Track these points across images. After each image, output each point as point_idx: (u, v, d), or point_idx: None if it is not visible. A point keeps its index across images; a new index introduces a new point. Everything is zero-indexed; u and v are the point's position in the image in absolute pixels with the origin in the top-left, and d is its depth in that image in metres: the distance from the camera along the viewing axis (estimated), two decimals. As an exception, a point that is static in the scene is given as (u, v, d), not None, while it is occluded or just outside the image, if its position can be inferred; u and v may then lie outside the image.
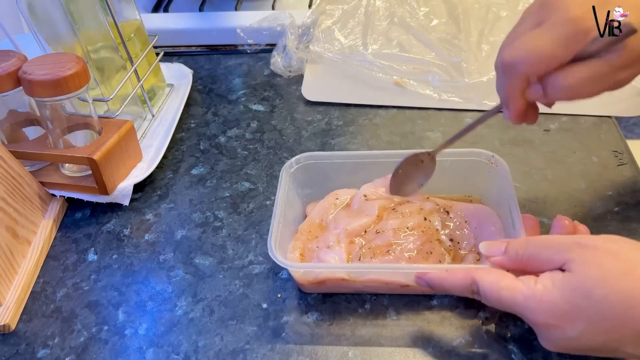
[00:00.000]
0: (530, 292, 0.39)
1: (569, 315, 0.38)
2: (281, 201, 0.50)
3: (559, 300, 0.38)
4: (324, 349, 0.46)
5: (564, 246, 0.39)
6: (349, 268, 0.48)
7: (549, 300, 0.38)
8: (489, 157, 0.52)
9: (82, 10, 0.60)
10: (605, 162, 0.60)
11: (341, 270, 0.48)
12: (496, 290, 0.40)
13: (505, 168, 0.51)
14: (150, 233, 0.57)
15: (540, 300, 0.38)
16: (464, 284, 0.42)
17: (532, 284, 0.39)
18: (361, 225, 0.51)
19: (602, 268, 0.37)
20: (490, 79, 0.71)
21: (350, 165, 0.55)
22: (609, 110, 0.67)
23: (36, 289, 0.53)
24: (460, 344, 0.45)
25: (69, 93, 0.54)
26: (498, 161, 0.51)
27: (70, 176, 0.60)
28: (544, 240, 0.41)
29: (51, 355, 0.47)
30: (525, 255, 0.41)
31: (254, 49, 0.83)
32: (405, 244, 0.48)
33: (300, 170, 0.54)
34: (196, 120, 0.72)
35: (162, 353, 0.47)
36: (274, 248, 0.46)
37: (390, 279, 0.47)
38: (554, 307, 0.38)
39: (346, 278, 0.47)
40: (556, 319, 0.38)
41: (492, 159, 0.52)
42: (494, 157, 0.52)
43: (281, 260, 0.45)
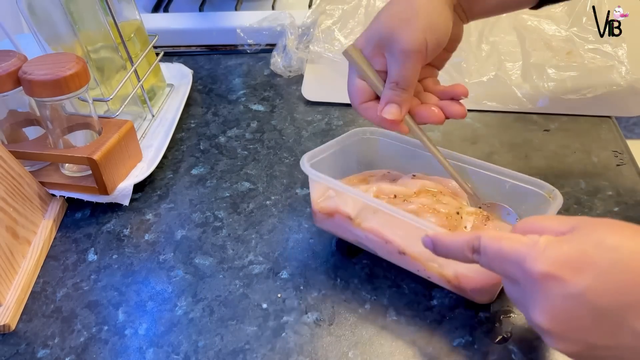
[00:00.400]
0: (532, 241, 0.35)
1: (575, 264, 0.32)
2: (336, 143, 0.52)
3: (566, 247, 0.33)
4: (324, 349, 0.46)
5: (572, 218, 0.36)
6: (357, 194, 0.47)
7: (554, 247, 0.34)
8: (550, 191, 0.49)
9: (82, 10, 0.60)
10: (605, 162, 0.60)
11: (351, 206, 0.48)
12: (497, 241, 0.36)
13: (559, 205, 0.47)
14: (150, 233, 0.57)
15: (544, 247, 0.34)
16: (465, 240, 0.38)
17: (536, 237, 0.35)
18: (394, 190, 0.50)
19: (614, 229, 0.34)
20: (490, 79, 0.71)
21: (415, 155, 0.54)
22: (609, 110, 0.67)
23: (36, 289, 0.53)
24: (460, 344, 0.45)
25: (69, 93, 0.54)
26: (557, 196, 0.48)
27: (70, 176, 0.60)
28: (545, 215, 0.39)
29: (51, 355, 0.47)
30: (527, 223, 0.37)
31: (254, 49, 0.83)
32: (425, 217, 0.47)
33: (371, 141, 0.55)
34: (196, 120, 0.72)
35: (162, 353, 0.47)
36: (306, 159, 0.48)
37: (390, 237, 0.47)
38: (559, 254, 0.33)
39: (352, 217, 0.48)
40: (559, 268, 0.33)
41: (552, 193, 0.48)
42: (554, 191, 0.48)
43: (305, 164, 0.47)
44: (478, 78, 0.72)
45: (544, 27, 0.76)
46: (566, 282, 0.32)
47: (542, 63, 0.72)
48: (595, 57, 0.72)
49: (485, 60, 0.74)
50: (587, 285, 0.32)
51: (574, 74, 0.70)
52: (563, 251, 0.33)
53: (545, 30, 0.76)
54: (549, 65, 0.71)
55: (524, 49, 0.74)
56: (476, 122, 0.68)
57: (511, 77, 0.71)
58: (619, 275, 0.32)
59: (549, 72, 0.70)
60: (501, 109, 0.69)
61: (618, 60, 0.71)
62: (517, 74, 0.72)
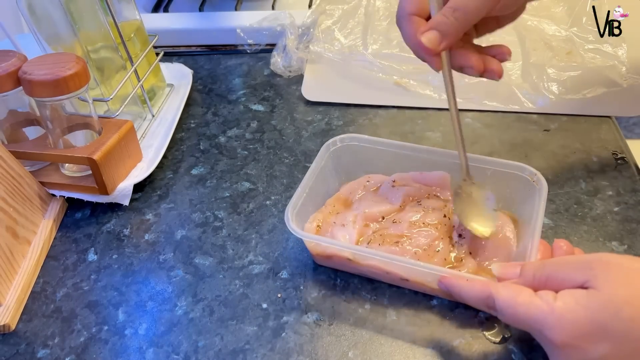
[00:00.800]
0: (549, 308, 0.36)
1: (593, 335, 0.35)
2: (312, 174, 0.52)
3: (582, 318, 0.35)
4: (324, 349, 0.46)
5: (586, 263, 0.37)
6: (350, 249, 0.48)
7: (570, 318, 0.35)
8: (532, 175, 0.50)
9: (82, 10, 0.60)
10: (605, 162, 0.60)
11: (347, 250, 0.48)
12: (512, 305, 0.38)
13: (544, 188, 0.49)
14: (150, 233, 0.57)
15: (560, 317, 0.36)
16: (480, 296, 0.40)
17: (551, 300, 0.36)
18: (380, 211, 0.52)
19: (631, 286, 0.35)
20: (490, 79, 0.71)
21: (391, 155, 0.55)
22: (609, 110, 0.67)
23: (36, 289, 0.53)
24: (460, 344, 0.45)
25: (69, 93, 0.54)
26: (539, 180, 0.50)
27: (70, 176, 0.60)
28: (562, 259, 0.40)
29: (51, 355, 0.47)
30: (543, 275, 0.39)
31: (254, 49, 0.83)
32: (417, 238, 0.49)
33: (343, 150, 0.56)
34: (196, 120, 0.72)
35: (162, 353, 0.47)
36: (290, 214, 0.48)
37: (390, 270, 0.48)
38: (576, 326, 0.35)
39: (350, 258, 0.48)
40: (577, 339, 0.35)
41: (534, 176, 0.50)
42: (536, 175, 0.50)
43: (292, 226, 0.47)
44: (478, 78, 0.72)
45: (544, 27, 0.76)
46: (586, 350, 0.35)
47: (542, 63, 0.72)
48: (595, 57, 0.72)
49: (485, 60, 0.74)
50: (605, 352, 0.35)
51: (574, 74, 0.70)
52: (580, 323, 0.35)
53: (545, 30, 0.76)
54: (549, 65, 0.71)
55: (524, 49, 0.74)
56: (476, 122, 0.68)
57: (511, 77, 0.71)
58: (632, 344, 0.34)
59: (549, 72, 0.70)
60: (501, 109, 0.69)
61: (618, 60, 0.71)
62: (517, 74, 0.72)
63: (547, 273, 0.39)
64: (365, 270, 0.50)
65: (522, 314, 0.38)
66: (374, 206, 0.53)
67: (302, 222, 0.51)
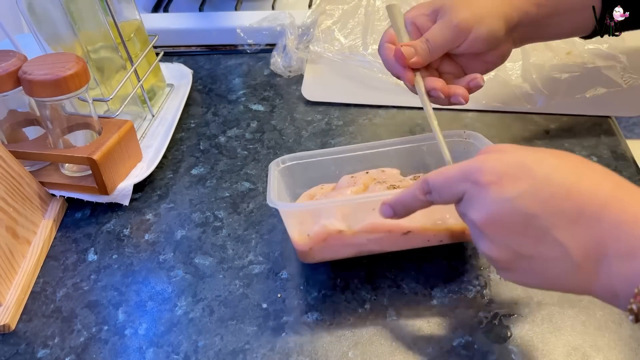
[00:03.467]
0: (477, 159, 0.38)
1: (516, 174, 0.36)
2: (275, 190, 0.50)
3: (509, 159, 0.37)
4: (324, 349, 0.46)
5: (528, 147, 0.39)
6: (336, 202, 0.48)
7: (498, 158, 0.37)
8: (460, 135, 0.53)
9: (82, 10, 0.60)
10: (605, 162, 0.60)
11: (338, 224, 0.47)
12: (442, 172, 0.39)
13: (479, 136, 0.52)
14: (150, 233, 0.57)
15: (488, 159, 0.37)
16: (416, 187, 0.41)
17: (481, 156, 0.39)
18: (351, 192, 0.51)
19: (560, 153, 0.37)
20: (490, 79, 0.71)
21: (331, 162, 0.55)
22: (609, 110, 0.67)
23: (36, 289, 0.53)
24: (460, 344, 0.45)
25: (69, 93, 0.54)
26: (470, 134, 0.53)
27: (70, 176, 0.60)
28: None
29: (51, 355, 0.47)
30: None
31: (254, 49, 0.83)
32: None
33: (286, 170, 0.55)
34: (196, 120, 0.72)
35: (162, 353, 0.47)
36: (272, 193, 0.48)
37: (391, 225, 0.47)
38: (501, 164, 0.36)
39: (343, 229, 0.47)
40: (499, 176, 0.36)
41: (463, 135, 0.53)
42: (464, 132, 0.53)
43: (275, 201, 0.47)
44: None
45: (544, 27, 0.76)
46: (504, 188, 0.35)
47: (542, 63, 0.72)
48: (595, 57, 0.72)
49: (485, 60, 0.74)
50: (521, 191, 0.35)
51: (574, 74, 0.70)
52: (505, 162, 0.37)
53: (545, 30, 0.76)
54: (549, 65, 0.71)
55: (524, 49, 0.74)
56: (476, 122, 0.68)
57: (511, 77, 0.71)
58: (552, 188, 0.35)
59: (549, 72, 0.70)
60: (501, 109, 0.69)
61: (618, 60, 0.70)
62: (517, 74, 0.72)
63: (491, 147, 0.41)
64: (363, 242, 0.48)
65: (452, 172, 0.38)
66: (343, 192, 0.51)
67: None
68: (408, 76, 0.53)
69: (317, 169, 0.55)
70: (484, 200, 0.36)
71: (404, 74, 0.53)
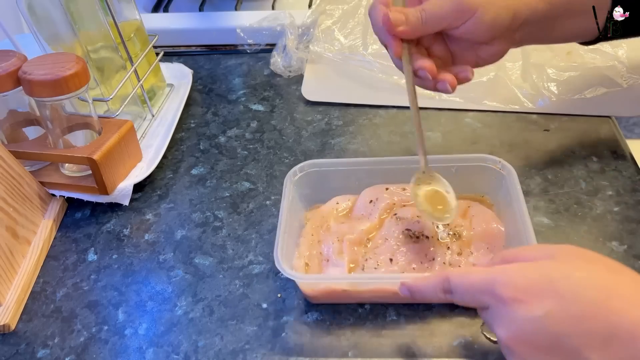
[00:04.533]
0: (502, 268, 0.36)
1: (541, 291, 0.34)
2: (286, 211, 0.50)
3: (534, 275, 0.35)
4: (324, 349, 0.46)
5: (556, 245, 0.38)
6: (347, 279, 0.48)
7: (522, 273, 0.35)
8: (495, 163, 0.51)
9: (82, 10, 0.60)
10: (605, 162, 0.60)
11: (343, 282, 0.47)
12: (465, 277, 0.38)
13: (512, 173, 0.50)
14: (150, 233, 0.57)
15: (512, 272, 0.36)
16: (436, 282, 0.40)
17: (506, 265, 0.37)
18: (364, 230, 0.51)
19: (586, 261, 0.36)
20: (490, 79, 0.71)
21: (352, 172, 0.55)
22: (609, 110, 0.67)
23: (36, 289, 0.53)
24: (460, 344, 0.45)
25: (69, 93, 0.54)
26: (505, 166, 0.51)
27: (70, 176, 0.60)
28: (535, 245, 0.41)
29: (51, 355, 0.47)
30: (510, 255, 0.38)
31: (254, 49, 0.83)
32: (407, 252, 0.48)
33: (304, 177, 0.54)
34: (196, 120, 0.72)
35: (162, 353, 0.47)
36: (280, 259, 0.45)
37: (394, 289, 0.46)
38: (526, 280, 0.35)
39: (347, 289, 0.47)
40: (525, 293, 0.34)
41: (498, 164, 0.51)
42: (500, 162, 0.51)
43: (290, 272, 0.45)
44: (478, 78, 0.72)
45: (544, 27, 0.76)
46: (531, 305, 0.34)
47: (542, 63, 0.71)
48: (595, 57, 0.72)
49: (485, 60, 0.74)
50: (549, 310, 0.33)
51: (574, 74, 0.70)
52: (530, 277, 0.35)
53: (545, 30, 0.76)
54: (549, 65, 0.71)
55: (524, 49, 0.74)
56: (476, 122, 0.68)
57: (511, 77, 0.71)
58: (580, 306, 0.33)
59: (549, 72, 0.70)
60: (501, 109, 0.69)
61: (618, 60, 0.70)
62: (517, 74, 0.72)
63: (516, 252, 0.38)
64: (369, 297, 0.48)
65: (474, 280, 0.37)
66: (355, 227, 0.51)
67: (288, 261, 0.48)
68: (395, 47, 0.48)
69: (337, 179, 0.55)
70: (510, 318, 0.35)
71: (392, 43, 0.48)
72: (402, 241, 0.49)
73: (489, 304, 0.36)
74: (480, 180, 0.53)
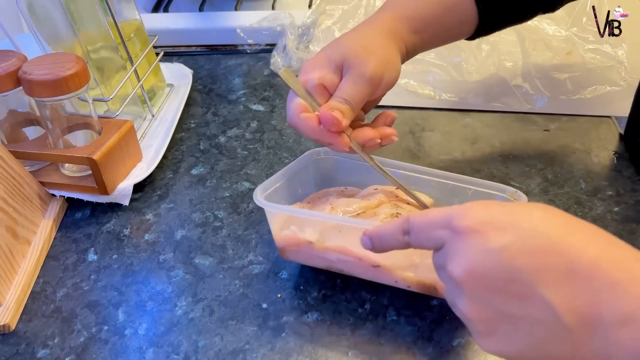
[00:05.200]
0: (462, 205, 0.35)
1: (500, 223, 0.33)
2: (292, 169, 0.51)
3: (494, 208, 0.34)
4: (324, 349, 0.46)
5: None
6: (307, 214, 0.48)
7: (482, 205, 0.34)
8: (512, 194, 0.49)
9: (82, 10, 0.60)
10: (605, 162, 0.60)
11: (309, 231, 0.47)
12: (424, 214, 0.36)
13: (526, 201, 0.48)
14: (150, 233, 0.57)
15: (472, 206, 0.34)
16: (397, 224, 0.38)
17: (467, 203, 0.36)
18: (358, 207, 0.50)
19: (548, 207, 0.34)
20: (490, 78, 0.71)
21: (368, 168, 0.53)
22: (609, 110, 0.67)
23: (36, 289, 0.53)
24: (460, 344, 0.45)
25: (69, 93, 0.54)
26: (520, 198, 0.48)
27: (70, 176, 0.60)
28: None
29: (51, 355, 0.47)
30: None
31: (254, 49, 0.83)
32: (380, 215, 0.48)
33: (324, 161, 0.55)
34: (196, 120, 0.72)
35: (162, 353, 0.47)
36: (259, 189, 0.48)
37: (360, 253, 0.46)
38: (485, 212, 0.34)
39: (313, 241, 0.47)
40: (483, 224, 0.33)
41: (515, 194, 0.49)
42: (516, 193, 0.49)
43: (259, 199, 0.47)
44: (478, 78, 0.72)
45: (544, 27, 0.76)
46: (487, 238, 0.32)
47: (542, 63, 0.72)
48: (595, 57, 0.72)
49: (485, 60, 0.74)
50: (506, 243, 0.32)
51: (574, 74, 0.70)
52: (490, 211, 0.34)
53: (545, 30, 0.76)
54: (549, 65, 0.71)
55: (524, 49, 0.74)
56: (476, 122, 0.68)
57: (511, 77, 0.71)
58: (539, 241, 0.32)
59: (549, 72, 0.70)
60: (501, 109, 0.69)
61: (618, 60, 0.71)
62: (517, 74, 0.72)
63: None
64: (335, 261, 0.48)
65: (432, 215, 0.36)
66: (351, 203, 0.51)
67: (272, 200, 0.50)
68: (344, 141, 0.48)
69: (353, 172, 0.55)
70: (465, 250, 0.33)
71: (339, 140, 0.48)
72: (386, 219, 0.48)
73: (444, 239, 0.35)
74: None
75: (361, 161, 0.54)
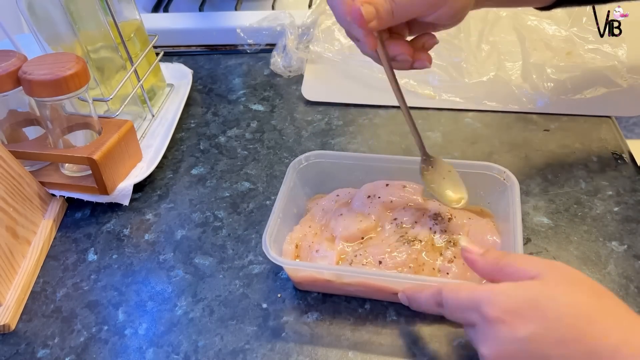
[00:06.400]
0: (490, 288, 0.38)
1: (525, 313, 0.35)
2: (284, 196, 0.51)
3: (519, 296, 0.36)
4: (324, 349, 0.46)
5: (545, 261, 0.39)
6: (330, 269, 0.48)
7: (508, 294, 0.36)
8: (500, 173, 0.51)
9: (82, 10, 0.60)
10: (605, 162, 0.60)
11: (327, 272, 0.48)
12: (456, 290, 0.40)
13: (515, 186, 0.50)
14: (150, 233, 0.57)
15: (498, 292, 0.37)
16: (430, 294, 0.41)
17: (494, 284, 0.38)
18: (359, 230, 0.51)
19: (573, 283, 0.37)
20: (490, 79, 0.71)
21: (356, 167, 0.55)
22: (609, 110, 0.67)
23: (36, 289, 0.53)
24: (460, 344, 0.45)
25: (69, 93, 0.54)
26: (509, 177, 0.51)
27: (70, 176, 0.60)
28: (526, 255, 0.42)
29: (51, 355, 0.47)
30: (502, 262, 0.40)
31: (254, 49, 0.83)
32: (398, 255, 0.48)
33: (308, 167, 0.55)
34: (196, 120, 0.72)
35: (162, 353, 0.47)
36: (267, 241, 0.47)
37: (381, 284, 0.47)
38: (512, 300, 0.36)
39: (331, 280, 0.47)
40: (510, 314, 0.35)
41: (504, 174, 0.51)
42: (505, 172, 0.51)
43: (272, 255, 0.46)
44: (478, 78, 0.72)
45: (544, 27, 0.76)
46: (515, 327, 0.35)
47: (542, 63, 0.72)
48: (595, 57, 0.72)
49: (485, 60, 0.74)
50: (532, 332, 0.34)
51: (574, 74, 0.70)
52: (516, 299, 0.36)
53: (545, 30, 0.76)
54: (549, 65, 0.71)
55: (524, 49, 0.74)
56: (476, 122, 0.68)
57: (511, 77, 0.71)
58: (563, 329, 0.34)
59: (549, 72, 0.70)
60: (501, 109, 0.69)
61: (618, 60, 0.70)
62: (517, 74, 0.72)
63: (507, 261, 0.40)
64: (353, 290, 0.48)
65: (463, 296, 0.39)
66: (351, 225, 0.51)
67: (279, 244, 0.50)
68: (371, 41, 0.45)
69: (341, 172, 0.55)
70: (494, 338, 0.36)
71: (365, 38, 0.45)
72: (394, 246, 0.49)
73: (475, 321, 0.38)
74: (483, 188, 0.53)
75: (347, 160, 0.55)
